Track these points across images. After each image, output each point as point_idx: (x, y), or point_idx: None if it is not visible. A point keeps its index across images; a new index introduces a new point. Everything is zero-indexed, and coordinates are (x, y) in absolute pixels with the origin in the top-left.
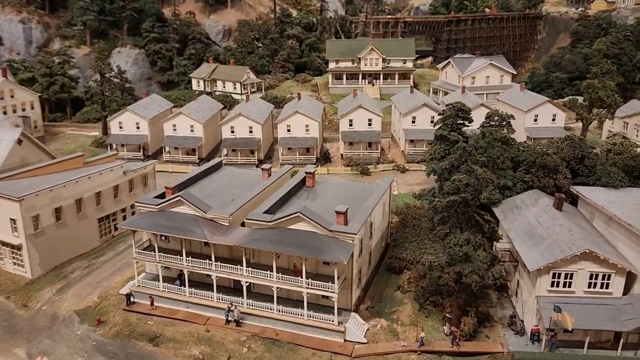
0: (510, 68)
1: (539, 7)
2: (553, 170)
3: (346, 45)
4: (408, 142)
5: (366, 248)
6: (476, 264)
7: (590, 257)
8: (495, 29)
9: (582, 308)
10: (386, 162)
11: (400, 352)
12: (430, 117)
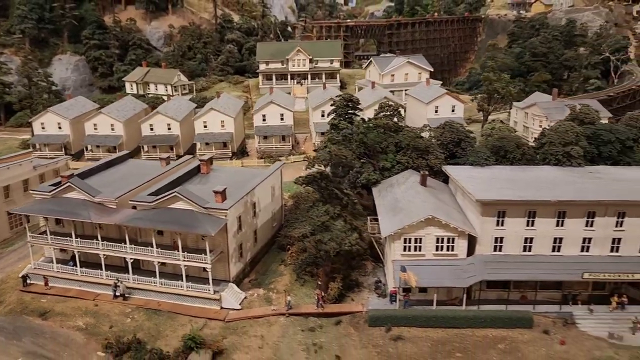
0: (428, 66)
1: (480, 10)
2: (425, 151)
3: (276, 47)
4: (319, 135)
5: (249, 226)
6: (334, 233)
7: (434, 223)
8: (435, 31)
9: (432, 269)
10: (297, 154)
11: (270, 315)
12: None
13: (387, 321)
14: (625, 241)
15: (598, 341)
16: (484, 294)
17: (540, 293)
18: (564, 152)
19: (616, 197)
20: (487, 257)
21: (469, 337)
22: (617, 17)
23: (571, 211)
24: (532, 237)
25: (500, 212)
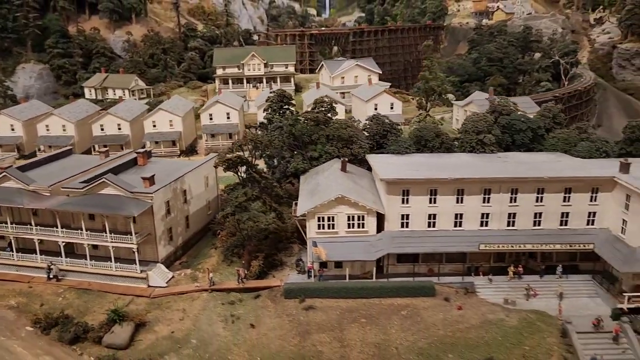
0: (376, 68)
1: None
2: (349, 141)
3: (232, 52)
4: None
5: (179, 211)
6: (252, 213)
7: (345, 202)
8: (398, 39)
9: (344, 245)
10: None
11: (193, 291)
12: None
13: (301, 293)
14: (519, 216)
15: (493, 306)
16: (394, 268)
17: (445, 266)
18: (478, 140)
19: (508, 175)
20: (395, 233)
21: (376, 306)
22: (574, 24)
23: (469, 188)
24: (435, 213)
25: (404, 190)
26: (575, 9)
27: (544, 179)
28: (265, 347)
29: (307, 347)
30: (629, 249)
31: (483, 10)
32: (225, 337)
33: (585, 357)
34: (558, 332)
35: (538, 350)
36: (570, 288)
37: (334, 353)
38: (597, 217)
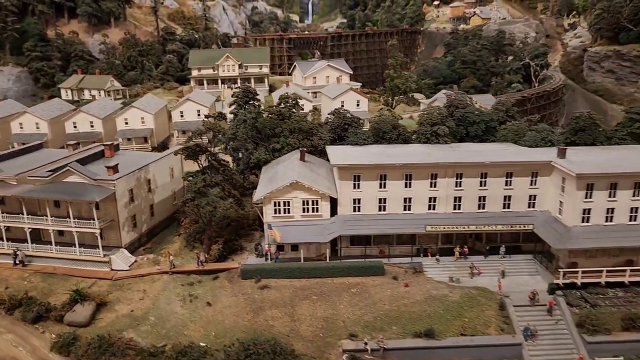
0: (348, 69)
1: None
2: (309, 133)
3: (207, 54)
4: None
5: (143, 199)
6: (210, 198)
7: (299, 187)
8: (375, 43)
9: (299, 228)
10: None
11: (154, 273)
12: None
13: (257, 274)
14: (464, 199)
15: (438, 284)
16: (348, 250)
17: (396, 248)
18: (432, 131)
19: (452, 160)
20: (347, 216)
21: (328, 284)
22: (548, 29)
23: (416, 174)
24: (385, 197)
25: (355, 176)
26: (551, 14)
27: (486, 164)
28: (220, 323)
29: (259, 322)
30: (565, 228)
31: (460, 15)
32: (182, 314)
33: (519, 327)
34: (497, 306)
35: (476, 322)
36: (513, 267)
37: (285, 327)
38: (537, 200)
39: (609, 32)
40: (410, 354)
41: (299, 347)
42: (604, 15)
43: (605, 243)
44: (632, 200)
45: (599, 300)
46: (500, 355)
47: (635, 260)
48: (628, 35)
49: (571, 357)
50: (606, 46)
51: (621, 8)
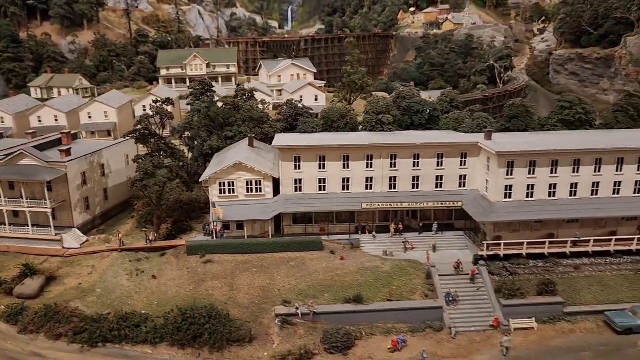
0: (312, 68)
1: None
2: (259, 121)
3: (176, 54)
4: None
5: (96, 183)
6: (158, 179)
7: (243, 168)
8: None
9: (243, 207)
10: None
11: (104, 251)
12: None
13: (202, 250)
14: (399, 179)
15: (373, 257)
16: (290, 229)
17: (336, 226)
18: (377, 120)
19: (386, 142)
20: (289, 196)
21: (269, 259)
22: (517, 34)
23: (353, 155)
24: (325, 178)
25: (296, 157)
26: (522, 20)
27: (418, 145)
28: (163, 294)
29: (200, 291)
30: (490, 204)
31: (434, 21)
32: (128, 286)
33: (442, 293)
34: (424, 275)
35: (404, 289)
36: (445, 242)
37: (223, 295)
38: (468, 180)
39: (572, 36)
40: (339, 318)
41: (235, 312)
42: (567, 20)
43: (524, 216)
44: (550, 178)
45: (519, 270)
46: (423, 319)
47: (556, 233)
48: (589, 39)
49: (488, 319)
50: (569, 49)
51: (583, 13)
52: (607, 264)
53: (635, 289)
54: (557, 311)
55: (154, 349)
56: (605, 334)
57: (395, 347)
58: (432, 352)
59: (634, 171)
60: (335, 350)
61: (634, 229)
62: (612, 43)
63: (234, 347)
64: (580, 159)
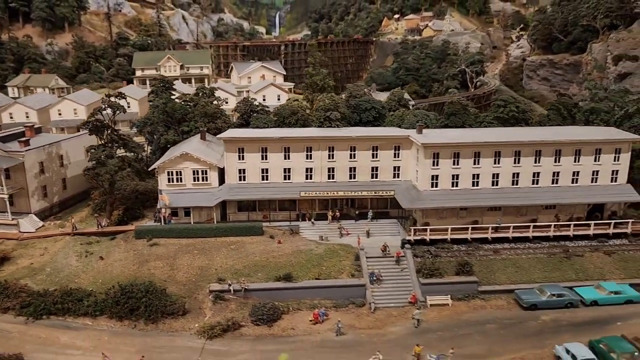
0: (282, 70)
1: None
2: (213, 117)
3: (151, 55)
4: None
5: (55, 173)
6: (109, 167)
7: (189, 158)
8: (328, 52)
9: (190, 195)
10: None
11: (58, 234)
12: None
13: (149, 234)
14: (337, 170)
15: (309, 242)
16: (235, 216)
17: (278, 213)
18: (325, 116)
19: (323, 134)
20: (234, 185)
21: (211, 242)
22: (495, 40)
23: (294, 147)
24: (267, 168)
25: (240, 148)
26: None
27: (353, 138)
28: (108, 273)
29: (142, 271)
30: (418, 192)
31: (415, 27)
32: (76, 266)
33: (367, 272)
34: (353, 257)
35: (332, 269)
36: (379, 229)
37: (164, 274)
38: (401, 171)
39: (544, 43)
40: (269, 294)
41: (172, 289)
42: (539, 27)
43: (447, 203)
44: (473, 168)
45: (442, 253)
46: (348, 296)
47: (480, 220)
48: (559, 45)
49: (407, 296)
50: (541, 55)
51: (554, 20)
52: (524, 249)
53: (547, 271)
54: (472, 290)
55: (94, 320)
56: (513, 310)
57: (317, 319)
58: (351, 324)
59: (551, 163)
60: (261, 322)
61: (552, 217)
62: (580, 49)
63: (167, 319)
64: (501, 151)
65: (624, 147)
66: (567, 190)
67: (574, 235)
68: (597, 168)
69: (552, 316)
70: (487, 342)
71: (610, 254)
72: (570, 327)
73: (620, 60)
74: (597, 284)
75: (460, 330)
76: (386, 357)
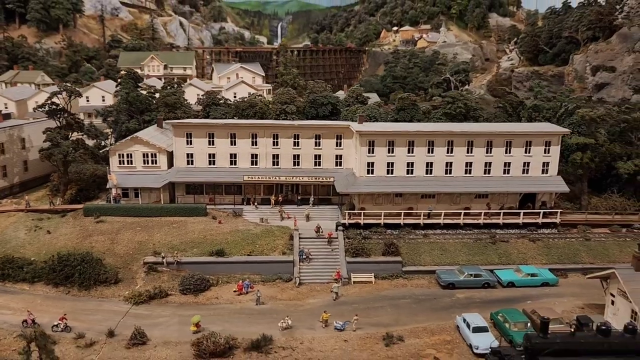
0: (261, 71)
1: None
2: (173, 107)
3: (135, 55)
4: None
5: (16, 155)
6: (62, 148)
7: (139, 142)
8: (320, 59)
9: (140, 177)
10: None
11: (11, 211)
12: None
13: (97, 211)
14: (281, 157)
15: (249, 223)
16: (183, 198)
17: (225, 197)
18: (282, 109)
19: (268, 122)
20: (182, 168)
21: (155, 221)
22: (488, 52)
23: (239, 133)
24: (214, 153)
25: (188, 133)
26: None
27: (296, 126)
28: (52, 245)
29: (84, 244)
30: (355, 178)
31: (409, 39)
32: (23, 239)
33: (297, 250)
34: (287, 237)
35: (265, 247)
36: (319, 213)
37: (103, 247)
38: (343, 160)
39: (530, 54)
40: (201, 267)
41: (109, 260)
42: (526, 39)
43: (380, 189)
44: (407, 157)
45: (374, 236)
46: (277, 271)
47: (415, 207)
48: (545, 57)
49: (333, 273)
50: (528, 67)
51: (540, 32)
52: (454, 234)
53: (471, 254)
54: (396, 269)
55: (31, 286)
56: (432, 288)
57: (241, 290)
58: (273, 296)
59: (482, 154)
60: (188, 292)
61: (484, 206)
62: (564, 61)
63: (100, 287)
64: (434, 141)
65: (553, 139)
66: (499, 180)
67: (504, 224)
68: (528, 160)
69: (467, 294)
70: (396, 314)
71: (535, 241)
72: (481, 304)
73: (598, 71)
74: (516, 267)
75: (375, 304)
76: (297, 323)
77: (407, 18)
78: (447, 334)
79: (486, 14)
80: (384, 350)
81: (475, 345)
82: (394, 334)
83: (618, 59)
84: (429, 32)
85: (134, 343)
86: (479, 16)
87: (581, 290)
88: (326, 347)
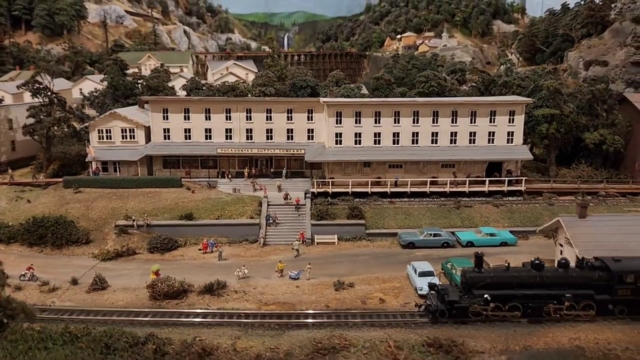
0: (254, 68)
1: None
2: (156, 90)
3: (133, 55)
4: None
5: (4, 135)
6: (44, 124)
7: (117, 117)
8: (319, 63)
9: (118, 151)
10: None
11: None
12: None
13: (76, 183)
14: (255, 131)
15: (222, 193)
16: (161, 172)
17: (201, 171)
18: (261, 91)
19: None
20: (158, 143)
21: (132, 192)
22: (490, 56)
23: (214, 108)
24: (190, 128)
25: (164, 109)
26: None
27: (267, 101)
28: (30, 212)
29: (60, 210)
30: (324, 149)
31: (411, 44)
32: (4, 207)
33: (265, 214)
34: (257, 204)
35: (234, 213)
36: (292, 185)
37: (79, 212)
38: (315, 134)
39: (528, 54)
40: (170, 230)
41: (83, 224)
42: (525, 40)
43: (347, 158)
44: (374, 127)
45: (340, 203)
46: (243, 234)
47: (383, 177)
48: (542, 56)
49: (297, 235)
50: (526, 66)
51: (537, 32)
52: (420, 202)
53: (435, 218)
54: (360, 232)
55: (7, 246)
56: (393, 248)
57: (206, 249)
58: (237, 254)
59: (448, 124)
60: (155, 250)
61: (451, 175)
62: (560, 59)
63: (72, 247)
64: (400, 111)
65: (517, 109)
66: (464, 149)
67: (471, 192)
68: (493, 129)
69: (426, 252)
70: (352, 267)
71: (499, 206)
72: (438, 259)
73: (591, 65)
74: (477, 229)
75: (334, 260)
76: (254, 274)
77: (411, 26)
78: (397, 282)
79: (490, 21)
80: (333, 294)
81: (420, 287)
82: (345, 281)
83: (610, 53)
84: (432, 38)
85: (94, 288)
86: (483, 23)
87: (539, 249)
88: (278, 291)
